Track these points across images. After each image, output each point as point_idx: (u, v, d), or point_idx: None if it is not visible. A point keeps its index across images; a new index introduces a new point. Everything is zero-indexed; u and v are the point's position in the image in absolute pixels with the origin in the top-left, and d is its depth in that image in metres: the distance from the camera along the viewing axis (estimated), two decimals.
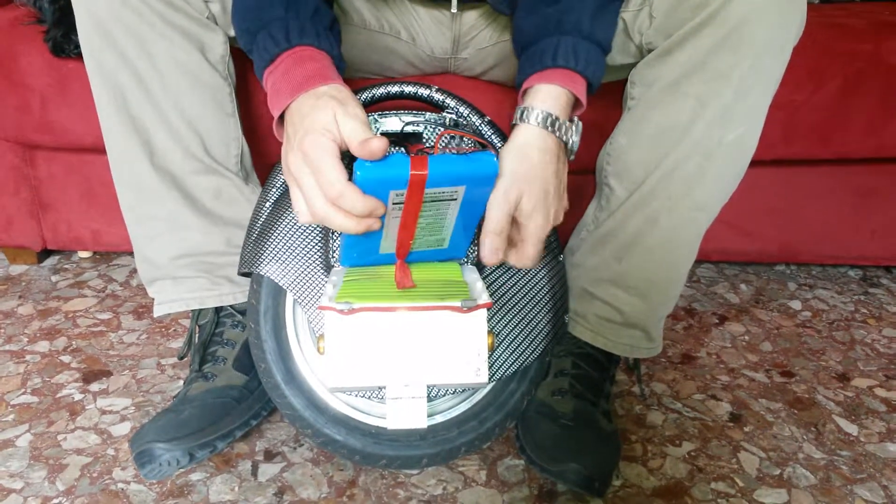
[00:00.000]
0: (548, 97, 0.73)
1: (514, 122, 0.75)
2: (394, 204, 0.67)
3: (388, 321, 0.69)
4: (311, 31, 0.72)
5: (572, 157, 0.78)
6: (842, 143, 1.19)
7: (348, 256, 0.77)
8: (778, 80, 0.77)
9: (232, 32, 0.87)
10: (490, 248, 0.72)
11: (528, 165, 0.72)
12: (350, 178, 0.64)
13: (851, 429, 1.00)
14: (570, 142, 0.76)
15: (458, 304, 0.68)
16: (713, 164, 0.79)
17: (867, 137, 1.18)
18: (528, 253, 0.74)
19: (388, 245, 0.73)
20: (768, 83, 0.76)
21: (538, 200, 0.72)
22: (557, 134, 0.74)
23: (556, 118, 0.73)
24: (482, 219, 0.73)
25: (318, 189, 0.64)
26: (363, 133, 0.62)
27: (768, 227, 1.34)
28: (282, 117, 0.71)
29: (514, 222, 0.73)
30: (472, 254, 0.84)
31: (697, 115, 0.77)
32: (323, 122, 0.64)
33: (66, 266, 1.41)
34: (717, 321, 1.28)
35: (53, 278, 1.37)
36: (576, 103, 0.76)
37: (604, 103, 1.09)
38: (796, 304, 1.34)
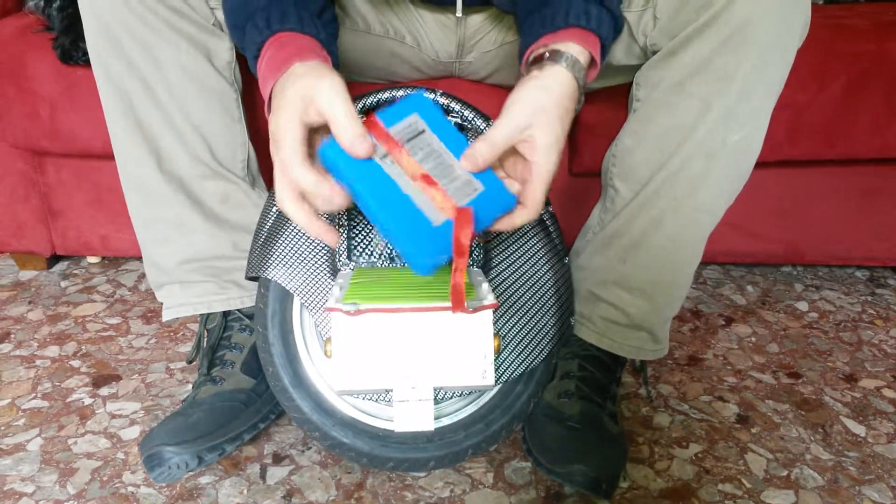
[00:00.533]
0: (573, 50, 0.70)
1: (534, 61, 0.72)
2: (389, 166, 0.65)
3: (394, 322, 0.69)
4: (294, 16, 0.71)
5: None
6: (847, 144, 1.19)
7: (420, 257, 0.65)
8: (782, 82, 0.77)
9: None
10: (472, 152, 0.67)
11: (549, 98, 0.68)
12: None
13: (859, 430, 1.00)
14: (580, 102, 0.73)
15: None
16: (717, 165, 0.79)
17: (872, 137, 1.18)
18: (536, 195, 0.69)
19: (432, 212, 0.66)
20: (772, 84, 0.76)
21: (555, 139, 0.68)
22: (581, 88, 0.71)
23: (582, 68, 0.71)
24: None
25: (281, 176, 0.63)
26: (342, 110, 0.61)
27: (774, 229, 1.34)
28: None
29: (520, 161, 0.70)
30: (477, 256, 0.85)
31: (701, 116, 0.77)
32: (289, 98, 0.63)
33: (75, 271, 1.43)
34: (723, 323, 1.28)
35: (63, 283, 1.38)
36: (591, 64, 0.74)
37: (609, 105, 1.09)
38: (803, 306, 1.34)
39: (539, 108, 0.68)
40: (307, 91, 0.62)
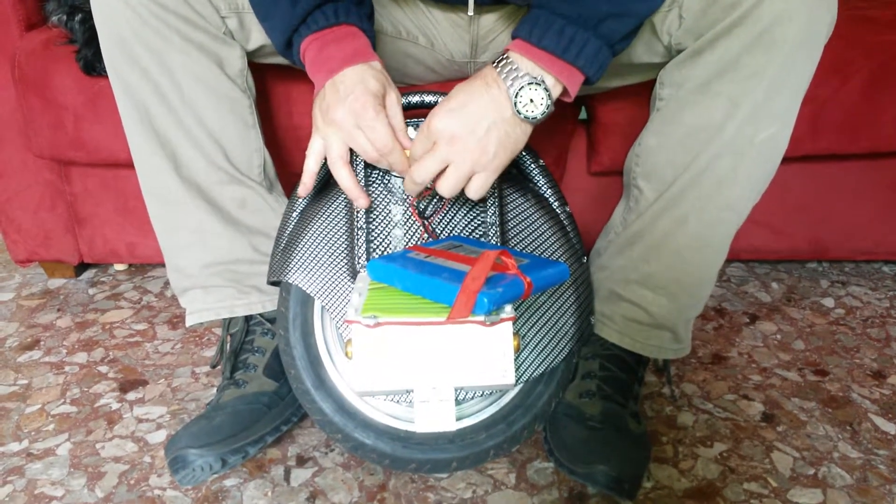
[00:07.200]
0: (520, 62, 0.74)
1: None
2: (426, 255, 0.77)
3: (413, 334, 0.70)
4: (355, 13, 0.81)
5: (525, 118, 0.74)
6: (871, 137, 1.17)
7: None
8: (809, 79, 0.77)
9: (249, 47, 0.90)
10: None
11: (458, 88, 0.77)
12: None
13: (889, 427, 0.98)
14: (520, 97, 0.73)
15: (481, 318, 0.69)
16: (744, 164, 0.79)
17: None
18: (414, 147, 0.79)
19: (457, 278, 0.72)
20: (799, 82, 0.76)
21: (451, 101, 0.76)
22: (503, 77, 0.73)
23: (522, 79, 0.73)
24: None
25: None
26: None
27: (799, 225, 1.32)
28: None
29: None
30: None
31: (730, 115, 0.77)
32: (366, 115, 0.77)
33: (102, 279, 1.45)
34: (747, 320, 1.26)
35: (91, 291, 1.40)
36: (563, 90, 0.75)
37: (628, 104, 1.09)
38: (829, 302, 1.32)
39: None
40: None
